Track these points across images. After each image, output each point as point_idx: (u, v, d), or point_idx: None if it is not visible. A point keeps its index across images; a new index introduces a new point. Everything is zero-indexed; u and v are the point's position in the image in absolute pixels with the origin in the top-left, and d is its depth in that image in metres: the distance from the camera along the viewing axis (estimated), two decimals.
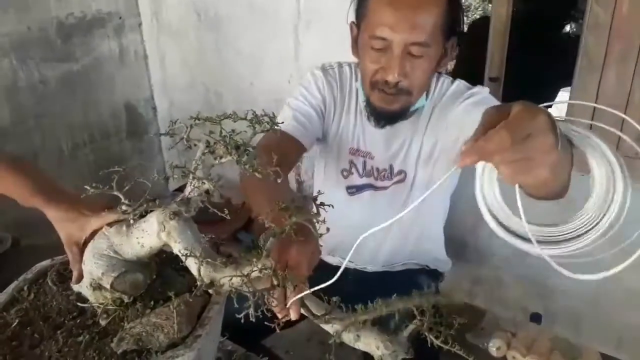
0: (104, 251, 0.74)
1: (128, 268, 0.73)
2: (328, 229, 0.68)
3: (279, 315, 0.63)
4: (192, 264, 0.66)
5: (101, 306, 0.76)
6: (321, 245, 0.75)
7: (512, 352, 1.21)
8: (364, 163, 1.24)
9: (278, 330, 0.60)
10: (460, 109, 1.08)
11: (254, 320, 0.57)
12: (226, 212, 0.63)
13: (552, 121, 0.50)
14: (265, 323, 0.59)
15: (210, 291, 0.67)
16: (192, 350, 0.68)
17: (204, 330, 0.72)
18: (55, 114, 2.15)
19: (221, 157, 0.69)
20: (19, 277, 0.84)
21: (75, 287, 0.80)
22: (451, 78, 1.17)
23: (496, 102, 1.07)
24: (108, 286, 0.72)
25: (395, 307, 0.62)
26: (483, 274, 1.75)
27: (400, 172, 1.22)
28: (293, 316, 0.64)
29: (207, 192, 0.69)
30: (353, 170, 1.25)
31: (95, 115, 2.33)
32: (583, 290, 1.55)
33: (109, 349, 0.70)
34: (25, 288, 0.81)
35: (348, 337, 0.67)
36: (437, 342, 0.62)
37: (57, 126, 2.17)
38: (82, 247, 0.79)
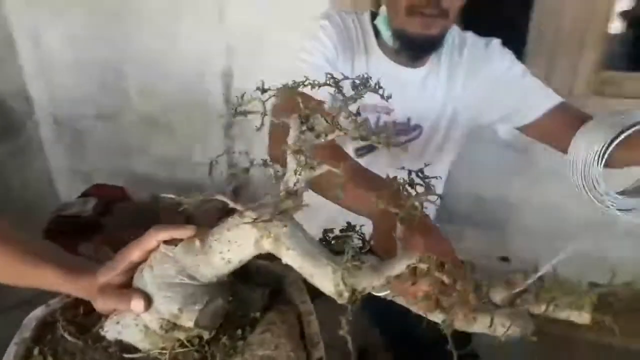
0: (174, 279, 0.54)
1: (210, 295, 0.55)
2: (441, 197, 0.58)
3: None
4: (322, 275, 0.51)
5: (164, 352, 0.57)
6: (362, 225, 0.63)
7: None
8: (378, 119, 1.11)
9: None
10: (499, 74, 1.08)
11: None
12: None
13: None
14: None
15: (345, 302, 0.53)
16: None
17: (318, 351, 0.58)
18: None
19: (326, 135, 0.54)
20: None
21: (109, 335, 0.59)
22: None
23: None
24: (191, 324, 0.54)
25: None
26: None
27: (416, 126, 1.13)
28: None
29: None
30: None
31: None
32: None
33: None
34: (36, 352, 0.58)
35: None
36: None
37: None
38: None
